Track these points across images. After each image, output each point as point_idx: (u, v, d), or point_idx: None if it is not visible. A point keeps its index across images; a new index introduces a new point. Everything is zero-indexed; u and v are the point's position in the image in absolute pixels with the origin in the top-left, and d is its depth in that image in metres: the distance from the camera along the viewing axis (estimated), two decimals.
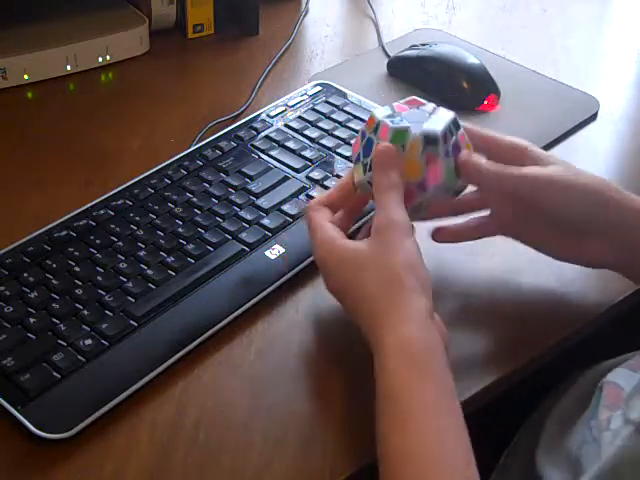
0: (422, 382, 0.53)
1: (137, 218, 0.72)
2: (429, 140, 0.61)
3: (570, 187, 0.62)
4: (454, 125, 0.63)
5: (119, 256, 0.69)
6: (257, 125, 0.83)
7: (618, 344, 0.69)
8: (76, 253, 0.68)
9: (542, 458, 0.65)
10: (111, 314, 0.64)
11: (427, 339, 0.54)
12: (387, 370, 0.54)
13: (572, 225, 0.64)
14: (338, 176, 0.77)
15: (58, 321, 0.63)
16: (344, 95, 0.88)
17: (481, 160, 0.63)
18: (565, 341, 0.67)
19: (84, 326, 0.63)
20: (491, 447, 0.73)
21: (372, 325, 0.56)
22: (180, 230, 0.71)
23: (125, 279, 0.67)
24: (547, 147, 0.84)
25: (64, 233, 0.70)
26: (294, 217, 0.73)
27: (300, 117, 0.85)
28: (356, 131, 0.82)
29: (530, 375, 0.66)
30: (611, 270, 0.66)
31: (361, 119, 0.84)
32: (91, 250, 0.69)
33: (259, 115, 0.85)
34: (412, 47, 0.94)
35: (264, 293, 0.67)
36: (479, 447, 0.52)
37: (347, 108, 0.86)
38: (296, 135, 0.82)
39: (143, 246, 0.70)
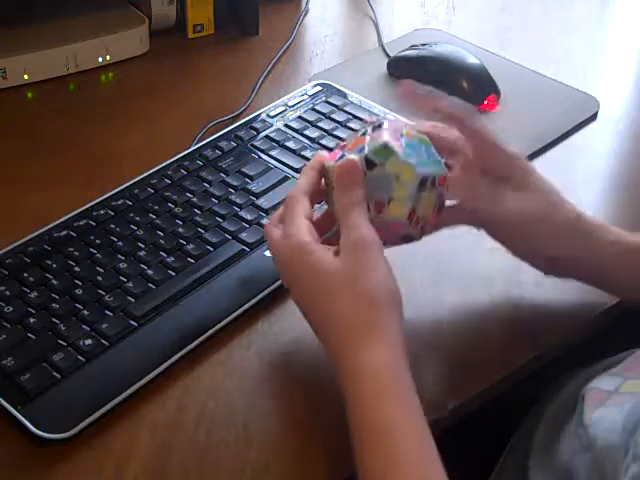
0: (399, 412, 0.52)
1: (137, 218, 0.72)
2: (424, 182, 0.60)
3: (542, 222, 0.63)
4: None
5: (119, 256, 0.69)
6: (257, 125, 0.83)
7: (616, 345, 0.69)
8: (76, 253, 0.69)
9: (534, 468, 0.65)
10: (111, 314, 0.64)
11: (397, 366, 0.53)
12: (353, 399, 0.53)
13: (542, 249, 0.65)
14: None
15: (58, 321, 0.63)
16: (344, 95, 0.88)
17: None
18: (563, 342, 0.67)
19: (84, 326, 0.63)
20: (492, 447, 0.73)
21: (342, 353, 0.55)
22: (180, 230, 0.71)
23: (125, 279, 0.67)
24: (547, 147, 0.84)
25: (64, 233, 0.70)
26: None
27: (300, 117, 0.85)
28: (356, 131, 0.82)
29: (529, 376, 0.66)
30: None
31: (361, 119, 0.84)
32: (91, 250, 0.69)
33: (259, 115, 0.85)
34: (412, 47, 0.94)
35: (264, 293, 0.67)
36: (480, 447, 0.52)
37: (347, 108, 0.86)
38: (296, 135, 0.82)
39: (143, 246, 0.70)
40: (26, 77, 0.91)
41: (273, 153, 0.80)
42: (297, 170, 0.78)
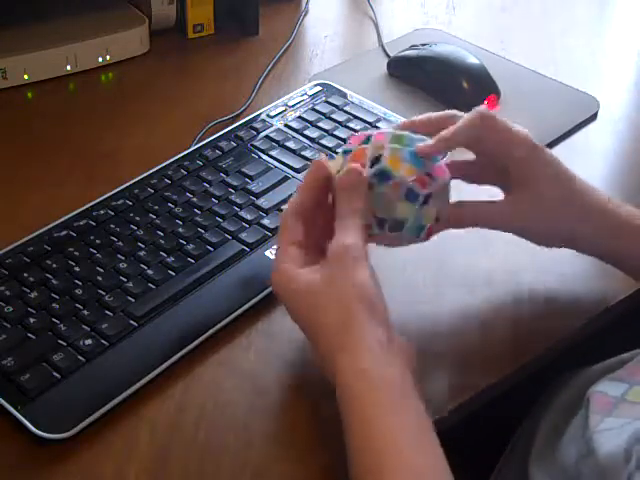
0: (377, 417, 0.52)
1: (137, 218, 0.72)
2: None
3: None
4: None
5: (119, 256, 0.69)
6: (257, 125, 0.83)
7: (617, 345, 0.69)
8: (76, 253, 0.69)
9: (535, 469, 0.65)
10: (111, 314, 0.64)
11: (381, 371, 0.54)
12: (342, 406, 0.54)
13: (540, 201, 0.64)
14: None
15: (58, 321, 0.63)
16: (344, 95, 0.88)
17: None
18: (564, 341, 0.67)
19: (84, 326, 0.63)
20: (492, 448, 0.73)
21: (329, 361, 0.55)
22: (180, 230, 0.71)
23: (125, 279, 0.67)
24: (547, 147, 0.84)
25: (64, 233, 0.70)
26: None
27: (300, 117, 0.85)
28: (356, 131, 0.82)
29: (529, 376, 0.66)
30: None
31: (361, 119, 0.84)
32: (91, 250, 0.69)
33: (259, 115, 0.85)
34: (412, 47, 0.94)
35: (264, 293, 0.67)
36: (479, 448, 0.52)
37: (347, 108, 0.86)
38: (296, 135, 0.82)
39: (143, 246, 0.70)
40: (26, 77, 0.91)
41: (273, 153, 0.80)
42: (297, 170, 0.78)
